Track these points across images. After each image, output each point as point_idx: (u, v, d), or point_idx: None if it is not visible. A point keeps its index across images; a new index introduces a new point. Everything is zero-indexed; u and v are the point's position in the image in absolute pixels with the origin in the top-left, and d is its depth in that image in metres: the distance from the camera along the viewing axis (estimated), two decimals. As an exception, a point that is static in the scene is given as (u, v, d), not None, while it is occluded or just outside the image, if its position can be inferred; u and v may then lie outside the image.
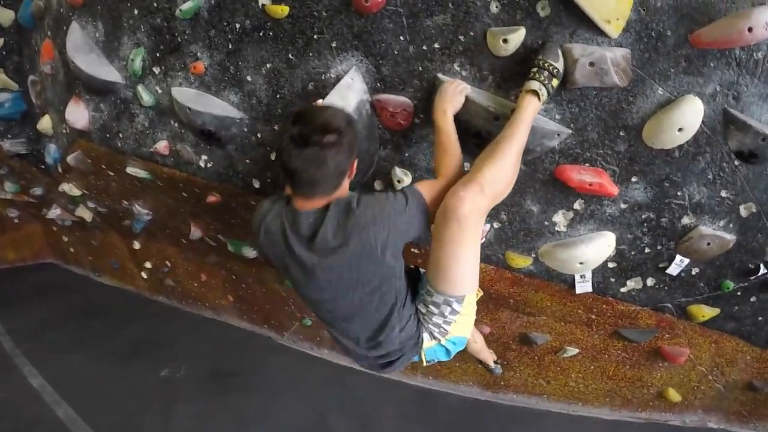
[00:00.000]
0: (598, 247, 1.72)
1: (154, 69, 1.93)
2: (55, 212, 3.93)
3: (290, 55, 1.64)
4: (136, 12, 1.84)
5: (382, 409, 2.66)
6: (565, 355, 2.29)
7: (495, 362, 2.22)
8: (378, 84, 1.58)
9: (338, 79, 1.59)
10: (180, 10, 1.71)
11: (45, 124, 2.74)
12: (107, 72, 2.01)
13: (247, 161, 1.95)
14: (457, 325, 1.40)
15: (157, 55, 1.89)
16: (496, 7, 1.36)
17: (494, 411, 2.61)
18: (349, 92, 1.56)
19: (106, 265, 4.44)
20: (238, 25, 1.67)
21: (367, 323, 1.39)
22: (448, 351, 1.47)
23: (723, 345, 2.08)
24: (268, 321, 3.36)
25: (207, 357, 2.68)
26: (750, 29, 1.23)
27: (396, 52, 1.51)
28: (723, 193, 1.56)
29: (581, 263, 1.74)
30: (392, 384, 2.87)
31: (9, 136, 3.10)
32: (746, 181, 1.52)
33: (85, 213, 3.63)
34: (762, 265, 1.72)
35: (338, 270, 1.27)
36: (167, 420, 2.64)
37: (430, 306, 1.38)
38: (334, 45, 1.57)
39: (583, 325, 2.15)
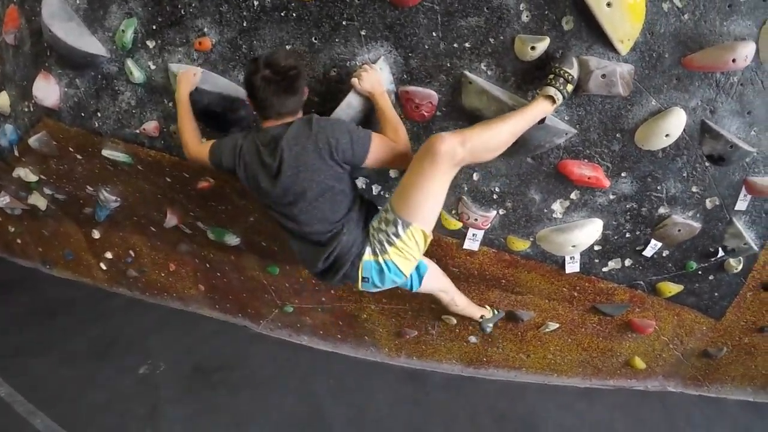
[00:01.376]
0: (589, 232, 2.38)
1: (148, 42, 2.20)
2: (3, 200, 4.03)
3: (314, 39, 2.04)
4: (130, -22, 2.10)
5: (374, 393, 3.22)
6: (547, 330, 3.01)
7: (481, 317, 2.86)
8: (404, 75, 2.04)
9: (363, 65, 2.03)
10: (190, -21, 2.00)
11: (1, 101, 2.82)
12: (89, 43, 2.20)
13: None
14: (395, 250, 1.95)
15: (153, 27, 2.16)
16: (527, 16, 1.88)
17: (479, 386, 3.30)
18: (378, 81, 2.01)
19: (59, 256, 4.58)
20: (256, 2, 2.02)
21: (323, 225, 1.98)
22: (381, 273, 2.01)
23: (684, 317, 2.90)
24: (244, 310, 3.77)
25: (184, 351, 2.93)
26: (734, 60, 1.88)
27: (426, 47, 1.98)
28: (693, 189, 2.26)
29: (573, 246, 2.40)
30: (377, 366, 3.46)
31: (-47, 116, 3.10)
32: (713, 180, 2.22)
33: (39, 201, 3.75)
34: (720, 249, 2.49)
35: (298, 167, 1.88)
36: (156, 422, 2.89)
37: (382, 223, 1.96)
38: (363, 33, 1.99)
39: (565, 302, 2.86)
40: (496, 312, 2.90)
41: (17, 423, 2.89)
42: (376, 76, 1.98)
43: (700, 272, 2.62)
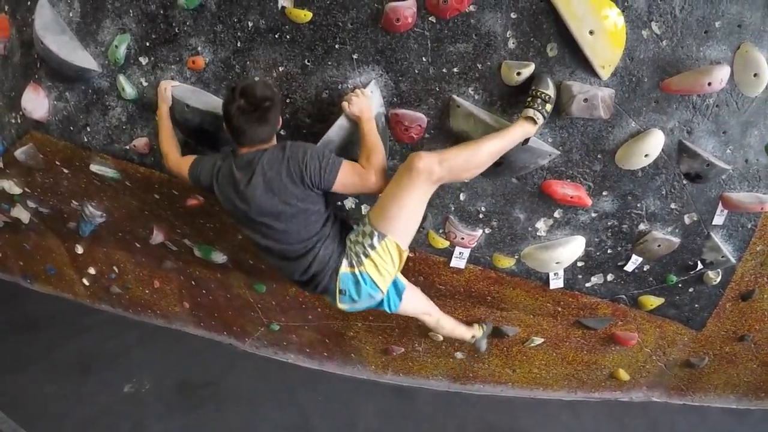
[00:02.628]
0: (572, 249, 2.45)
1: (141, 59, 2.23)
2: None
3: (306, 61, 2.09)
4: (124, -6, 2.13)
5: (362, 408, 3.25)
6: (532, 344, 3.07)
7: (472, 337, 2.91)
8: (395, 99, 2.10)
9: (355, 90, 2.08)
10: (185, -1, 2.03)
11: None
12: (81, 57, 2.23)
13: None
14: (370, 261, 2.03)
15: (147, 44, 2.20)
16: (513, 43, 1.95)
17: (467, 401, 3.35)
18: (370, 104, 2.05)
19: (40, 270, 4.48)
20: (251, 24, 2.07)
21: (297, 242, 2.06)
22: (357, 285, 2.08)
23: (666, 329, 2.98)
24: (230, 328, 3.76)
25: (169, 368, 2.92)
26: (709, 83, 1.98)
27: (416, 71, 2.04)
28: (672, 205, 2.35)
29: (557, 263, 2.47)
30: (365, 384, 3.50)
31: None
32: (691, 196, 2.31)
33: (22, 214, 3.68)
34: (699, 262, 2.58)
35: (272, 191, 1.96)
36: None
37: (359, 236, 2.04)
38: (355, 57, 2.05)
39: (549, 317, 2.92)
40: (484, 327, 2.95)
41: (1, 441, 2.86)
42: (366, 102, 2.02)
43: (680, 285, 2.71)
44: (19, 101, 2.57)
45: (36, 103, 2.46)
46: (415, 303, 2.56)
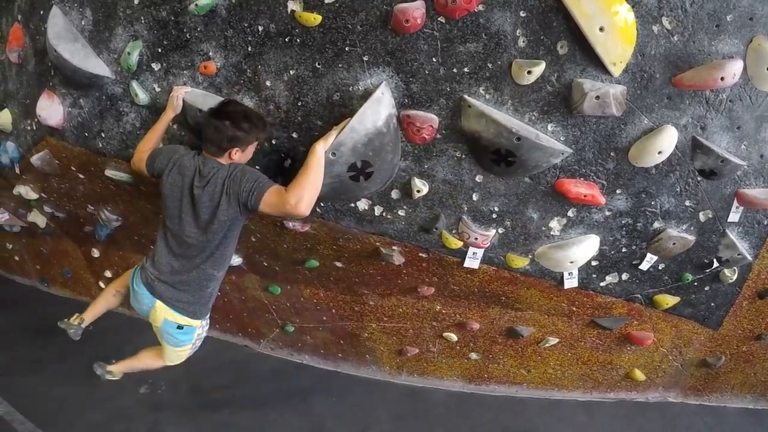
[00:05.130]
0: (586, 248, 2.43)
1: (153, 65, 2.25)
2: (2, 217, 4.00)
3: (317, 64, 2.09)
4: (136, 2, 2.15)
5: (376, 411, 3.25)
6: (546, 344, 3.06)
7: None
8: (405, 100, 2.10)
9: (366, 92, 2.09)
10: (196, 5, 2.05)
11: (3, 119, 2.83)
12: (94, 64, 2.26)
13: (257, 167, 2.34)
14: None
15: (159, 50, 2.22)
16: (523, 42, 1.94)
17: (481, 402, 3.33)
18: (380, 106, 2.07)
19: (57, 274, 4.53)
20: (261, 28, 2.08)
21: (202, 255, 2.31)
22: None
23: (682, 328, 2.96)
24: (244, 329, 3.77)
25: (183, 371, 2.89)
26: (722, 78, 1.97)
27: (427, 72, 2.04)
28: (687, 203, 2.33)
29: (572, 262, 2.46)
30: (379, 384, 3.50)
31: (-43, 132, 3.10)
32: (706, 193, 2.30)
33: (38, 218, 3.74)
34: (715, 260, 2.56)
35: (212, 201, 2.16)
36: None
37: None
38: (365, 59, 2.05)
39: (564, 317, 2.91)
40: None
41: (17, 442, 2.86)
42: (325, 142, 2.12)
43: (696, 283, 2.69)
44: (34, 108, 2.60)
45: (51, 110, 2.49)
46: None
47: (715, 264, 2.59)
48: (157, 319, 2.49)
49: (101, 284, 4.23)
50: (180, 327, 2.47)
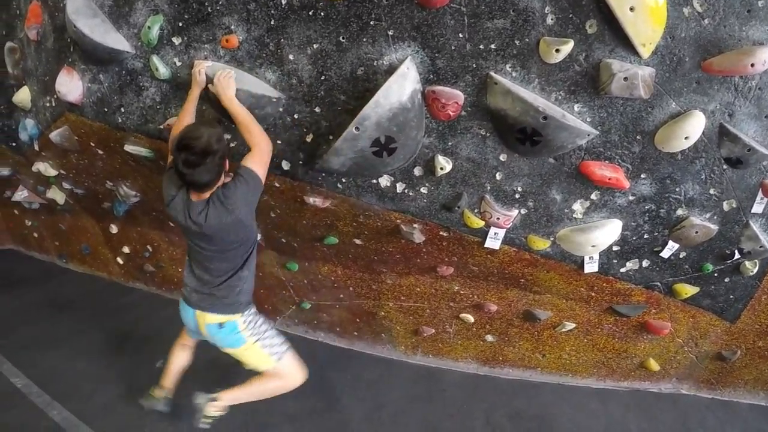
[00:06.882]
0: (608, 233, 2.43)
1: (174, 39, 2.27)
2: (21, 194, 4.12)
3: (341, 38, 2.10)
4: (157, -24, 2.17)
5: (391, 390, 3.28)
6: (563, 329, 3.07)
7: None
8: (431, 75, 2.11)
9: (390, 66, 2.10)
10: (218, -22, 2.06)
11: (22, 96, 2.90)
12: (114, 39, 2.27)
13: (279, 142, 2.39)
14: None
15: (180, 24, 2.23)
16: (552, 19, 1.94)
17: (495, 385, 3.36)
18: (405, 81, 2.08)
19: (75, 250, 4.67)
20: (284, 1, 2.08)
21: (227, 266, 2.40)
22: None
23: (699, 319, 2.94)
24: (261, 306, 3.76)
25: (200, 346, 2.87)
26: (752, 64, 1.94)
27: (453, 48, 2.04)
28: (711, 191, 2.31)
29: (593, 246, 2.46)
30: (394, 363, 3.54)
31: (-25, 110, 3.19)
32: (730, 182, 2.28)
33: (57, 195, 3.83)
34: (736, 251, 2.54)
35: (220, 233, 2.24)
36: (173, 416, 2.90)
37: None
38: (390, 33, 2.05)
39: (582, 302, 2.91)
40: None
41: (34, 414, 2.93)
42: (225, 82, 2.20)
43: (716, 274, 2.67)
44: (53, 85, 2.64)
45: (70, 86, 2.50)
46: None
47: (737, 255, 2.56)
48: (202, 328, 2.51)
49: (119, 260, 4.36)
50: (221, 325, 2.47)
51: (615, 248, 2.54)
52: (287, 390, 2.68)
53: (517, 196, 2.37)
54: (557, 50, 1.95)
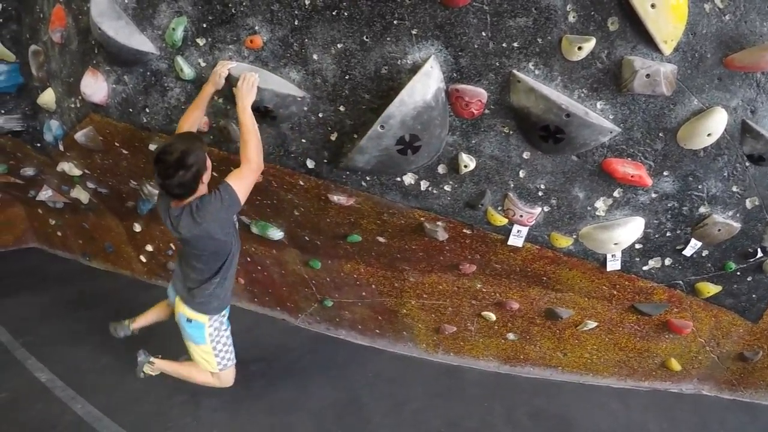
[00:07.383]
0: (631, 230, 2.45)
1: (198, 40, 2.34)
2: (46, 194, 4.23)
3: (365, 38, 2.15)
4: (180, -21, 2.24)
5: (411, 387, 3.32)
6: (585, 328, 3.07)
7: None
8: (454, 74, 2.15)
9: (414, 65, 2.14)
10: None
11: (47, 98, 2.98)
12: (139, 41, 2.34)
13: (303, 141, 2.44)
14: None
15: (204, 25, 2.30)
16: (574, 17, 1.97)
17: (516, 384, 3.38)
18: (429, 79, 2.12)
19: (99, 248, 4.80)
20: (308, 1, 2.13)
21: (205, 268, 2.55)
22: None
23: (721, 319, 2.93)
24: (283, 303, 3.90)
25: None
26: (775, 59, 1.95)
27: (476, 46, 2.08)
28: (734, 188, 2.32)
29: (616, 243, 2.47)
30: (415, 361, 3.58)
31: (2, 111, 3.33)
32: (753, 180, 2.28)
33: (81, 194, 3.94)
34: (759, 250, 2.54)
35: (194, 241, 2.40)
36: (196, 411, 3.01)
37: None
38: (414, 32, 2.10)
39: (604, 300, 2.92)
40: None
41: (59, 408, 3.02)
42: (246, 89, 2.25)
43: (738, 273, 2.67)
44: (77, 87, 2.72)
45: (95, 87, 2.59)
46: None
47: (759, 254, 2.56)
48: (176, 313, 2.75)
49: (142, 258, 4.45)
50: (189, 320, 2.67)
51: (637, 246, 2.55)
52: (210, 386, 2.93)
53: (540, 193, 2.39)
54: (579, 48, 1.98)
